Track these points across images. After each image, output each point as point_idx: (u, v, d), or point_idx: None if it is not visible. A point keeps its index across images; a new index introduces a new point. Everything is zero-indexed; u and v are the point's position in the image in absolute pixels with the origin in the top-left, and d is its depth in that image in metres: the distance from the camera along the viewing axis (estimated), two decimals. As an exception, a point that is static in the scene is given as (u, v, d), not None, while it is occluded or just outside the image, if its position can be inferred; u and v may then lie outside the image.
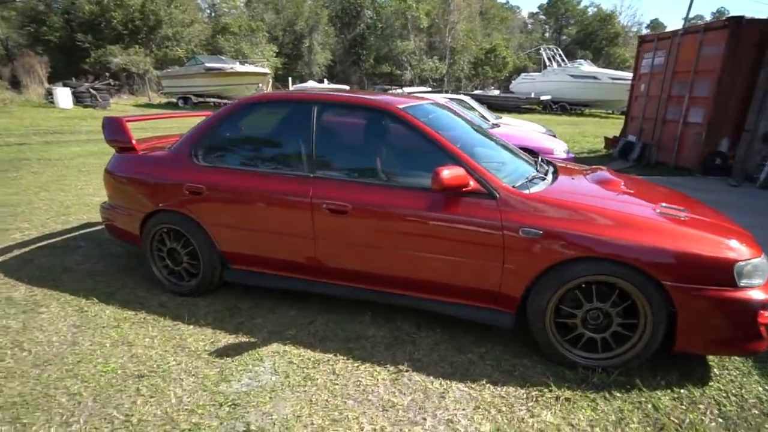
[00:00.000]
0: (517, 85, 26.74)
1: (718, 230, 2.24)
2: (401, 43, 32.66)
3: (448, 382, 2.24)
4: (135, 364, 2.34)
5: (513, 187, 2.35)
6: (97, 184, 6.11)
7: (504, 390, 2.19)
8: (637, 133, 9.42)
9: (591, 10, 44.18)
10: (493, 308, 2.42)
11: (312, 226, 2.59)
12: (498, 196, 2.29)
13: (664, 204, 2.43)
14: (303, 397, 2.13)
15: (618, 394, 2.15)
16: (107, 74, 24.62)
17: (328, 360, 2.41)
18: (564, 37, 45.89)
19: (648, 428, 1.96)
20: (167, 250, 3.05)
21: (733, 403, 2.13)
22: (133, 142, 3.16)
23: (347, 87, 24.77)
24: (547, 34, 50.70)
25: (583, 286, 2.21)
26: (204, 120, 3.03)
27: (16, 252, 3.82)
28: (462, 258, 2.35)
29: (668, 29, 17.11)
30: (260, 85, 19.13)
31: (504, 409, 2.06)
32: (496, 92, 28.48)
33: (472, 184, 2.30)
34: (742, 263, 2.03)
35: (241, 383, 2.21)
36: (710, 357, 2.48)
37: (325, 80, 26.60)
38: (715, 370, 2.39)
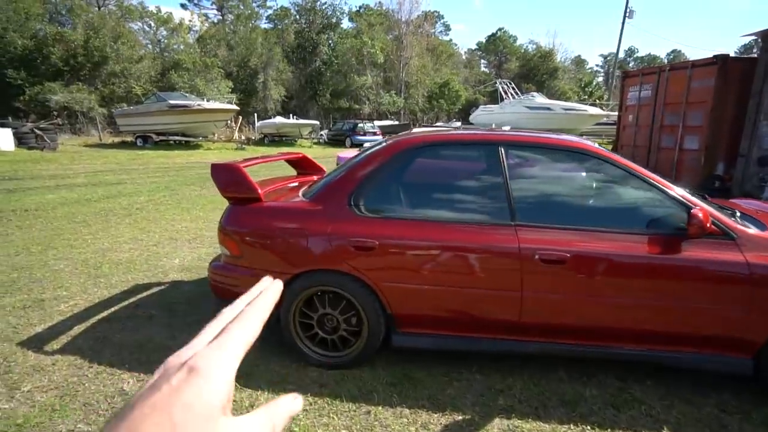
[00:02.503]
0: (476, 117, 27.89)
1: None
2: (358, 78, 33.18)
3: (722, 445, 2.04)
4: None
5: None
6: (110, 237, 5.39)
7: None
8: (629, 160, 10.00)
9: (530, 47, 47.96)
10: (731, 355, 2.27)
11: (520, 278, 2.33)
12: (736, 236, 2.19)
13: None
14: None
15: None
16: (54, 113, 22.61)
17: (571, 429, 2.12)
18: (503, 72, 48.91)
19: None
20: (318, 317, 2.63)
21: None
22: (260, 192, 2.75)
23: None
24: (486, 69, 54.09)
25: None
26: (356, 165, 2.71)
27: (79, 327, 3.16)
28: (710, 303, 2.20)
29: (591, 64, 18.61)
30: (230, 121, 18.38)
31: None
32: (457, 124, 29.55)
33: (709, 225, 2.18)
34: None
35: (507, 476, 1.86)
36: None
37: (292, 116, 26.19)
38: None
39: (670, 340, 2.30)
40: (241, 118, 22.04)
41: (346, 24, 39.15)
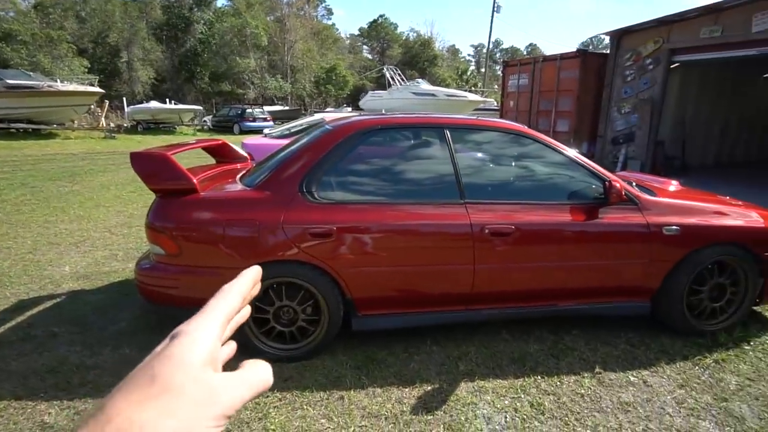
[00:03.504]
0: (366, 103, 28.21)
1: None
2: (241, 61, 31.12)
3: (639, 371, 2.48)
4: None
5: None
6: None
7: (678, 358, 2.53)
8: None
9: (410, 35, 49.88)
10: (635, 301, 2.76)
11: (472, 251, 2.50)
12: (639, 202, 2.64)
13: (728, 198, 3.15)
14: (554, 423, 2.08)
15: (743, 348, 2.71)
16: None
17: (526, 383, 2.38)
18: (387, 59, 50.23)
19: None
20: (274, 310, 2.51)
21: None
22: (195, 181, 2.50)
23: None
24: (370, 56, 54.95)
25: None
26: (303, 150, 2.61)
27: None
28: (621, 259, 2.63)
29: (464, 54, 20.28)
30: (93, 106, 15.80)
31: (690, 372, 2.40)
32: (348, 109, 29.60)
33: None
34: None
35: (485, 431, 2.03)
36: None
37: (169, 100, 23.53)
38: (760, 315, 3.18)
39: (594, 294, 2.71)
40: (107, 102, 19.21)
41: (222, 2, 36.28)
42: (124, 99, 22.65)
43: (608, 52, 9.13)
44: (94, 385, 2.35)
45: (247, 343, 2.52)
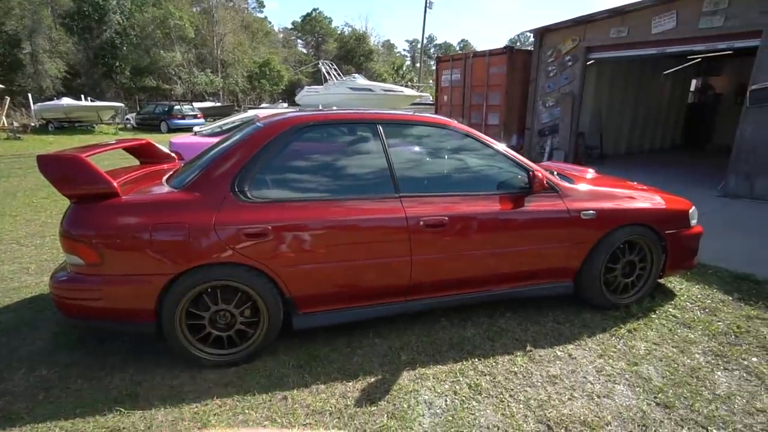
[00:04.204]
0: (302, 98, 27.67)
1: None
2: (166, 54, 29.22)
3: (564, 346, 2.68)
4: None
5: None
6: None
7: (598, 331, 2.77)
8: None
9: (345, 30, 49.57)
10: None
11: (409, 244, 2.57)
12: (559, 190, 2.85)
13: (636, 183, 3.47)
14: (490, 401, 2.21)
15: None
16: None
17: (465, 366, 2.50)
18: (322, 53, 49.63)
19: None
20: (210, 316, 2.42)
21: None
22: (115, 184, 2.35)
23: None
24: (304, 50, 53.96)
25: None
26: (234, 148, 2.53)
27: None
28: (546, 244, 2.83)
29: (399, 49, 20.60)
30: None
31: (607, 343, 2.65)
32: (284, 105, 28.87)
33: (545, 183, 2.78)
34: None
35: (427, 416, 2.11)
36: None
37: (85, 97, 21.49)
38: (665, 287, 3.56)
39: (525, 277, 2.89)
40: (8, 99, 17.26)
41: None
42: (30, 95, 20.47)
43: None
44: (5, 413, 2.13)
45: (183, 351, 2.42)
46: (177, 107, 20.16)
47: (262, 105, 29.79)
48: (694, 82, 13.29)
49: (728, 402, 2.22)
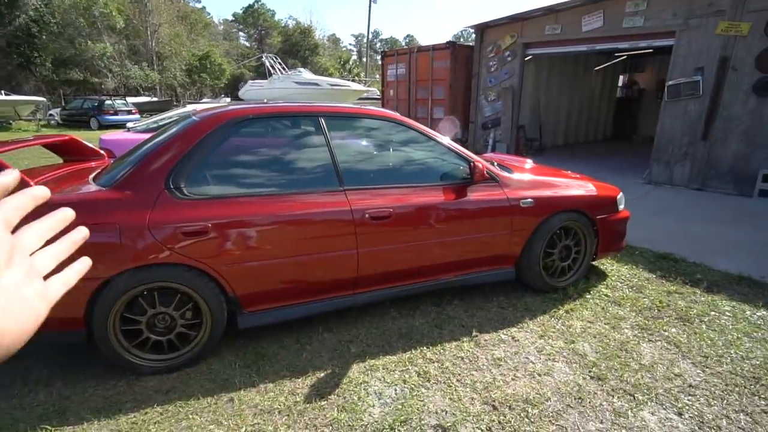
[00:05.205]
0: (246, 92, 26.74)
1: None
2: (93, 45, 27.05)
3: (508, 329, 2.80)
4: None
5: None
6: None
7: (539, 313, 2.92)
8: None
9: (289, 23, 48.38)
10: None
11: (355, 237, 2.57)
12: (499, 180, 2.96)
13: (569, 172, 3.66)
14: (438, 387, 2.26)
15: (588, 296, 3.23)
16: None
17: (414, 355, 2.54)
18: (266, 47, 48.27)
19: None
20: (147, 320, 2.29)
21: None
22: (32, 184, 2.15)
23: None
24: (247, 43, 52.18)
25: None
26: (168, 143, 2.40)
27: None
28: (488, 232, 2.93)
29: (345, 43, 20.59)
30: None
31: (547, 324, 2.80)
32: (227, 100, 27.74)
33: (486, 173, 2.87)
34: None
35: (377, 406, 2.13)
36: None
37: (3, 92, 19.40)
38: (598, 268, 3.81)
39: (470, 265, 2.98)
40: None
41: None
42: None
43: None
44: None
45: (118, 359, 2.27)
46: (108, 102, 18.76)
47: (204, 100, 28.53)
48: (621, 78, 14.28)
49: (651, 370, 2.42)
